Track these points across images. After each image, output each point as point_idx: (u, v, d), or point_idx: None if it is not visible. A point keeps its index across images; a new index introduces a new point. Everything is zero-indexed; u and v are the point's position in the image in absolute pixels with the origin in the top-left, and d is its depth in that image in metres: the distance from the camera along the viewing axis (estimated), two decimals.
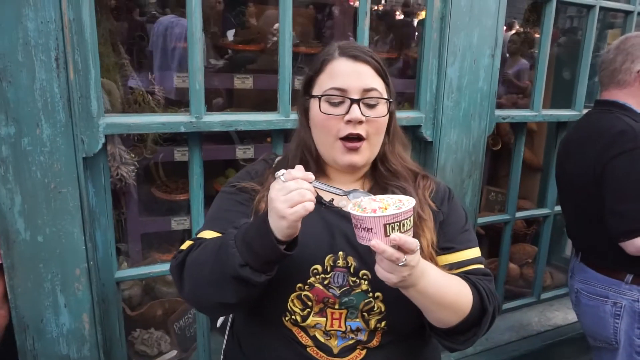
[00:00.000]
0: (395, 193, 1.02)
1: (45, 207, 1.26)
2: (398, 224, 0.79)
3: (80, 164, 1.28)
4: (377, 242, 0.79)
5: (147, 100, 1.96)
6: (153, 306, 2.06)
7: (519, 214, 2.27)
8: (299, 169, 0.86)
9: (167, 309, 2.09)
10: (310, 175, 0.86)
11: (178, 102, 2.28)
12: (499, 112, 1.92)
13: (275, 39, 2.40)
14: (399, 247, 0.80)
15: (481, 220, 2.12)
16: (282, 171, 0.85)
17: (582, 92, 2.17)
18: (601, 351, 1.73)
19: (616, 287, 1.60)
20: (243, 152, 2.46)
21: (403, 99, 2.57)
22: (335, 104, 1.00)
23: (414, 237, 0.85)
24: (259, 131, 2.54)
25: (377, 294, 0.97)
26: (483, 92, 1.80)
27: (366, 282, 0.98)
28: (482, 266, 1.06)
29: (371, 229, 0.80)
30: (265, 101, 2.12)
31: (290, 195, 0.81)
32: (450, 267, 1.03)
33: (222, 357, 1.19)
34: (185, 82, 1.59)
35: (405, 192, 1.03)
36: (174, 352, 1.97)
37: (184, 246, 1.01)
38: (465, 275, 1.01)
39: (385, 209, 0.81)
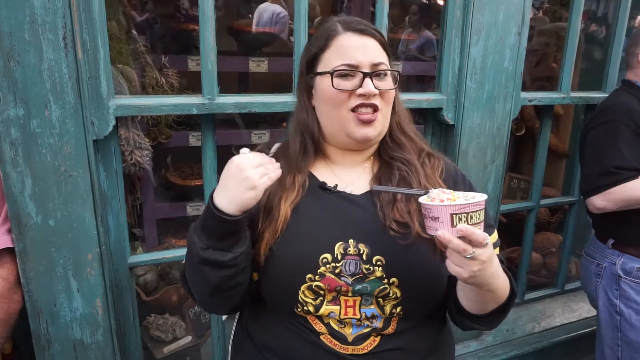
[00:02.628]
0: (399, 168, 1.01)
1: (55, 190, 1.24)
2: (465, 215, 0.78)
3: (91, 147, 1.25)
4: (443, 232, 0.79)
5: (160, 83, 1.92)
6: (168, 291, 2.05)
7: (543, 202, 2.18)
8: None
9: (183, 295, 2.08)
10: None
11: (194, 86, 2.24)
12: (524, 94, 1.83)
13: None
14: (466, 240, 0.78)
15: (504, 207, 2.04)
16: (246, 149, 0.90)
17: (614, 74, 2.06)
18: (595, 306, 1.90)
19: (601, 250, 1.80)
20: (258, 137, 2.42)
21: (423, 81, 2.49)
22: (345, 79, 0.97)
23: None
24: (274, 115, 2.50)
25: (393, 279, 0.94)
26: (508, 72, 1.71)
27: (380, 269, 0.94)
28: (498, 254, 1.05)
29: (438, 217, 0.80)
30: (281, 86, 2.06)
31: (260, 168, 0.87)
32: None
33: (230, 348, 1.16)
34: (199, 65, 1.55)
35: (409, 163, 1.01)
36: (189, 338, 1.96)
37: None
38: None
39: (454, 200, 0.81)
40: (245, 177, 0.85)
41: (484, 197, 0.81)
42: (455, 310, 1.00)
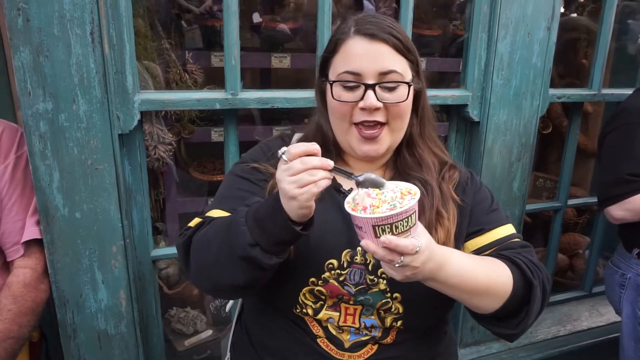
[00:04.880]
0: (416, 185, 0.93)
1: (82, 183, 1.26)
2: (389, 226, 0.71)
3: (116, 141, 1.27)
4: (366, 242, 0.74)
5: (184, 79, 1.94)
6: (190, 285, 2.07)
7: (571, 202, 2.12)
8: (303, 145, 0.76)
9: None
10: (317, 148, 0.75)
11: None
12: (553, 91, 1.78)
13: None
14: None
15: (530, 207, 1.99)
16: (284, 149, 0.76)
17: None
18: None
19: (627, 260, 1.70)
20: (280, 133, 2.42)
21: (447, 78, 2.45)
22: (349, 89, 0.91)
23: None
24: (297, 112, 2.50)
25: (396, 294, 0.91)
26: (537, 68, 1.66)
27: (384, 282, 0.91)
28: (518, 240, 0.98)
29: (361, 227, 0.74)
30: (303, 82, 2.05)
31: (299, 176, 0.73)
32: (484, 250, 0.96)
33: (229, 347, 1.15)
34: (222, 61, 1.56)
35: (426, 184, 0.94)
36: (210, 332, 1.98)
37: (192, 223, 0.95)
38: (498, 254, 0.93)
39: (378, 207, 0.73)
40: (282, 188, 0.75)
41: (414, 201, 0.73)
42: (475, 318, 0.95)
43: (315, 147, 0.75)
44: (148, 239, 1.47)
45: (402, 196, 0.75)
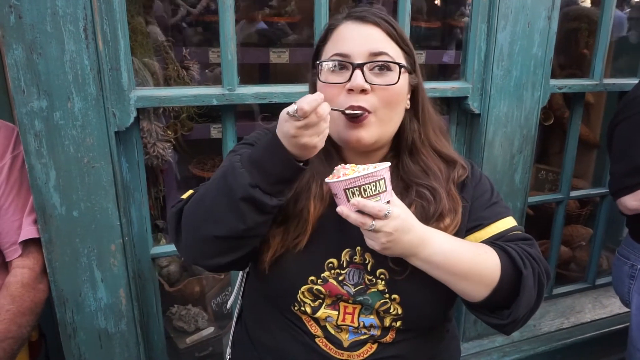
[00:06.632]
0: (420, 193, 0.92)
1: (79, 182, 1.25)
2: (357, 188, 0.77)
3: (113, 139, 1.26)
4: (341, 208, 0.79)
5: (181, 75, 1.92)
6: (191, 283, 2.07)
7: (573, 193, 2.10)
8: (313, 100, 0.73)
9: (205, 286, 2.10)
10: (321, 96, 0.75)
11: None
12: (554, 82, 1.76)
13: None
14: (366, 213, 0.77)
15: (532, 199, 1.98)
16: (293, 107, 0.74)
17: None
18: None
19: (636, 250, 1.67)
20: None
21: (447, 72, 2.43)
22: (337, 72, 0.88)
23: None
24: None
25: (394, 296, 0.90)
26: (537, 59, 1.64)
27: (383, 283, 0.90)
28: (519, 232, 0.96)
29: (336, 194, 0.80)
30: (302, 77, 2.03)
31: (317, 128, 0.75)
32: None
33: (229, 344, 1.14)
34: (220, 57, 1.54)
35: (434, 192, 0.92)
36: (211, 329, 1.97)
37: (185, 196, 0.93)
38: (491, 242, 0.91)
39: (349, 175, 0.79)
40: (303, 143, 0.75)
41: (380, 167, 0.78)
42: (469, 308, 0.93)
43: (320, 96, 0.74)
44: (147, 236, 1.46)
45: (375, 168, 0.79)
